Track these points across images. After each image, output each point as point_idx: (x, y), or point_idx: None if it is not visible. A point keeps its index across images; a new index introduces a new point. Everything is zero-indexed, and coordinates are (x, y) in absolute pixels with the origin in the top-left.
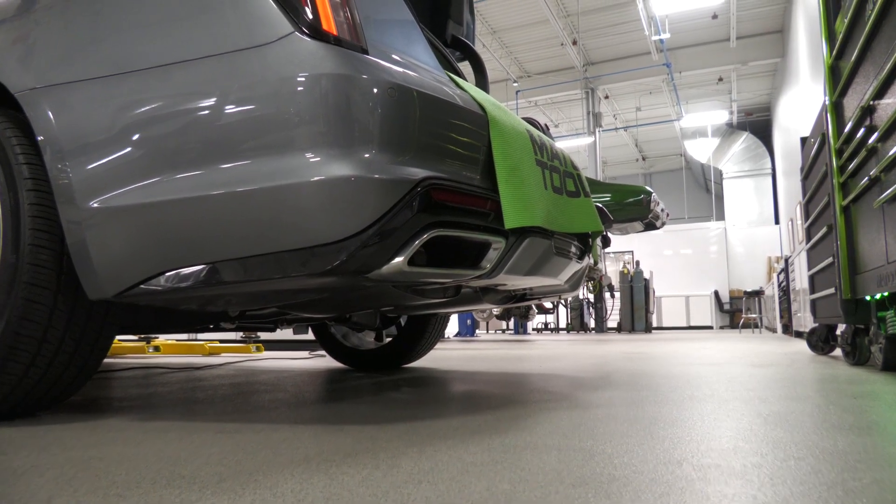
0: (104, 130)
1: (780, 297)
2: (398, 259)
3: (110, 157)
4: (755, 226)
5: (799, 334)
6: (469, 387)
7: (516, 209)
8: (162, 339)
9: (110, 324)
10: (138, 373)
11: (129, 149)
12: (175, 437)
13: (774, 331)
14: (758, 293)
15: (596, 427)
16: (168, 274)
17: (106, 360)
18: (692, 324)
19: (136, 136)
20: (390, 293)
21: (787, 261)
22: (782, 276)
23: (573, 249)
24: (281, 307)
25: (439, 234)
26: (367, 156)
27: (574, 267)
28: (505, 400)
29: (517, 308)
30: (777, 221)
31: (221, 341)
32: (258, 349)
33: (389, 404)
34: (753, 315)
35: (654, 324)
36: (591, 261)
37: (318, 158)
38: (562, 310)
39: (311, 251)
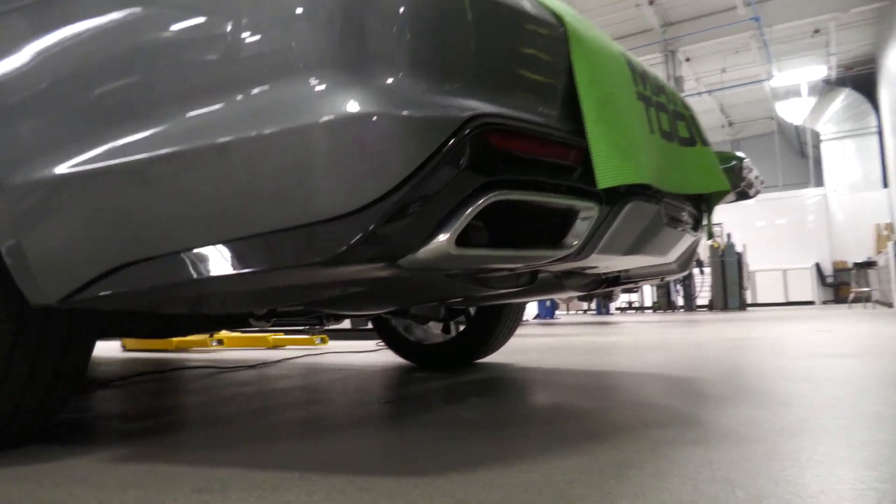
0: (26, 79)
1: None
2: (441, 237)
3: (37, 116)
4: (859, 191)
5: None
6: (554, 397)
7: (613, 160)
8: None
9: (81, 331)
10: (185, 374)
11: (61, 101)
12: (134, 498)
13: (890, 305)
14: (869, 264)
15: (764, 492)
16: (127, 269)
17: (164, 356)
18: (791, 299)
19: (69, 83)
20: (442, 285)
21: None
22: None
23: (686, 217)
24: (308, 305)
25: (502, 199)
26: (390, 82)
27: (687, 241)
28: (605, 424)
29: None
30: (886, 185)
31: (286, 332)
32: (322, 341)
33: (449, 431)
34: (865, 289)
35: (749, 300)
36: (706, 234)
37: (318, 89)
38: (646, 287)
39: (310, 231)
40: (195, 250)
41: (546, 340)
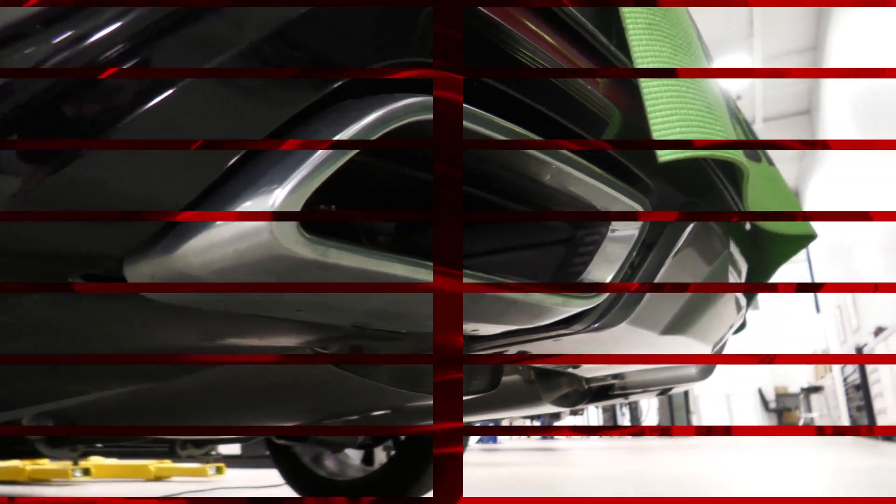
0: None
1: (847, 394)
2: (275, 193)
3: None
4: (791, 316)
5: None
6: None
7: (684, 111)
8: (97, 459)
9: None
10: None
11: None
12: None
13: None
14: (816, 389)
15: None
16: None
17: (9, 489)
18: (736, 424)
19: None
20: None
21: (860, 352)
22: (849, 370)
23: (741, 273)
24: None
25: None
26: None
27: (730, 319)
28: None
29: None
30: (818, 310)
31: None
32: (218, 471)
33: None
34: (812, 414)
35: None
36: (744, 313)
37: None
38: (591, 409)
39: None
40: None
41: (499, 473)
